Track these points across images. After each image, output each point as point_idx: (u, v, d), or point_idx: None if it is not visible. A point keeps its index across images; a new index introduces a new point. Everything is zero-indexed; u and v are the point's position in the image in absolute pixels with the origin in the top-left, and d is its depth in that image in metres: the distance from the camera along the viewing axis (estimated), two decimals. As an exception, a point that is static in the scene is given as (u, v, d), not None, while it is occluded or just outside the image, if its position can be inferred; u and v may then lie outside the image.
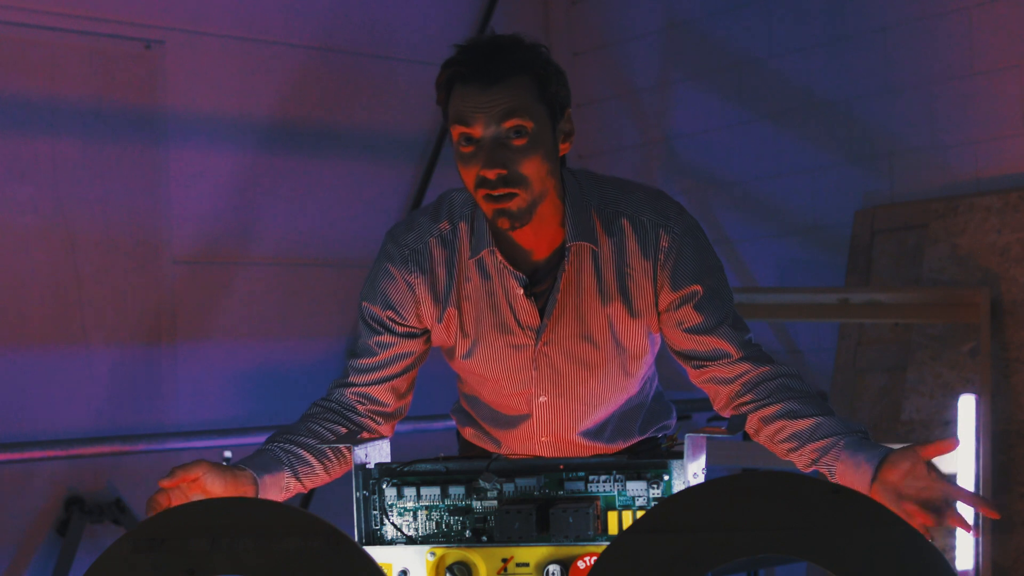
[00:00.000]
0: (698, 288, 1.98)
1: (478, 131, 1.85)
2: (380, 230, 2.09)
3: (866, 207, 4.13)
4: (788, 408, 1.90)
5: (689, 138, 4.75)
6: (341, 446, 1.90)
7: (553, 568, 1.62)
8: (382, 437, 1.97)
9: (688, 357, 2.03)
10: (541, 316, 2.00)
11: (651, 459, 1.71)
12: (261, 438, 4.10)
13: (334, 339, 4.57)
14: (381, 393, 2.04)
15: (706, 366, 2.00)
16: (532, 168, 1.85)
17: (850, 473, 1.77)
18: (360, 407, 2.04)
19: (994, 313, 3.61)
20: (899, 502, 1.66)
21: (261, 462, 1.89)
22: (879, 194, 4.13)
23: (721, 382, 2.00)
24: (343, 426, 2.01)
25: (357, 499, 1.74)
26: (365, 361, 2.04)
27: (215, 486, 1.76)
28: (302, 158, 4.51)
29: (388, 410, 2.05)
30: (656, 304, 2.01)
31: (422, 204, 4.66)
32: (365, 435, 2.01)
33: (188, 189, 4.24)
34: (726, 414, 2.01)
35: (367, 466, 1.76)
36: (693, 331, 2.00)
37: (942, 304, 3.67)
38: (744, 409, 1.96)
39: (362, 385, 2.04)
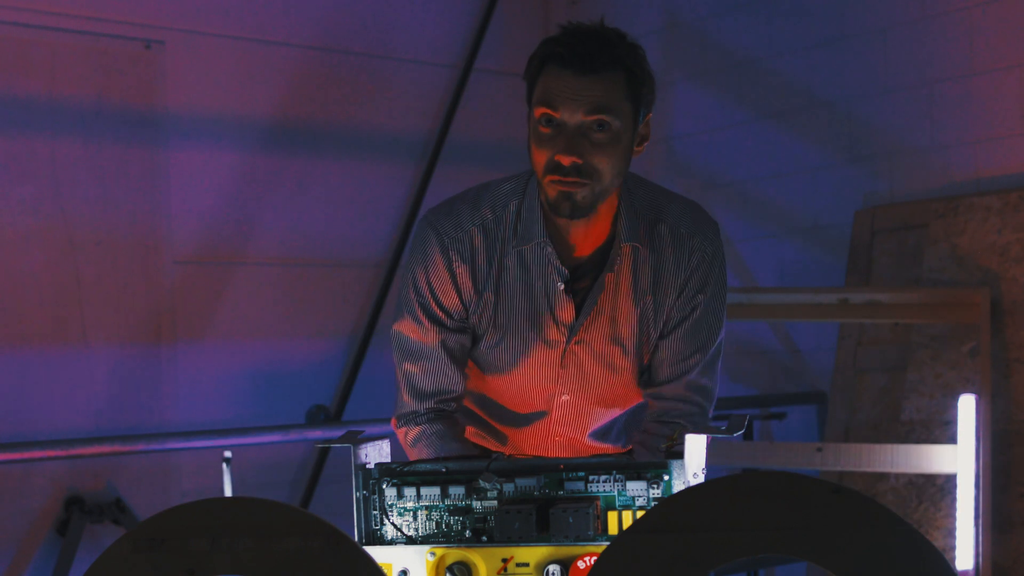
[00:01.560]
0: (697, 309, 2.02)
1: (563, 116, 1.85)
2: (380, 230, 2.09)
3: (866, 207, 4.13)
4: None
5: (689, 138, 4.75)
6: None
7: (553, 568, 1.62)
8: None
9: (651, 367, 2.08)
10: (577, 314, 2.00)
11: (651, 459, 1.71)
12: (261, 438, 4.13)
13: (334, 339, 4.57)
14: (451, 384, 2.08)
15: (657, 383, 2.07)
16: (606, 163, 1.86)
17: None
18: (445, 404, 2.09)
19: (994, 313, 3.61)
20: None
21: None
22: (879, 194, 4.13)
23: (654, 398, 2.09)
24: (450, 422, 2.09)
25: (357, 499, 1.74)
26: (432, 367, 2.05)
27: None
28: (302, 158, 4.51)
29: (460, 389, 2.10)
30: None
31: (421, 204, 4.66)
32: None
33: (188, 189, 4.24)
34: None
35: (367, 466, 1.76)
36: (668, 349, 2.04)
37: (942, 304, 3.67)
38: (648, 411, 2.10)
39: (441, 396, 2.08)
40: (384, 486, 1.74)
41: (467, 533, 1.72)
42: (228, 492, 1.70)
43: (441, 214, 2.03)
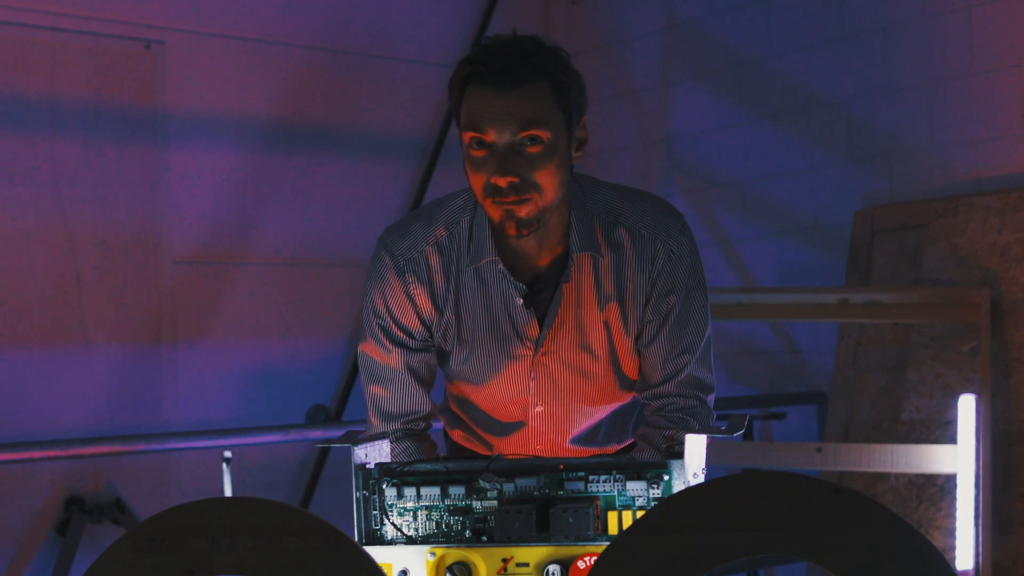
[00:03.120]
0: (675, 309, 1.97)
1: (492, 137, 1.80)
2: (380, 230, 2.07)
3: (866, 207, 4.13)
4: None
5: (689, 138, 4.75)
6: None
7: (553, 568, 1.62)
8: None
9: (643, 374, 2.04)
10: (540, 326, 1.97)
11: (651, 459, 1.71)
12: (261, 438, 4.13)
13: (334, 339, 4.57)
14: (418, 406, 2.06)
15: (651, 386, 2.03)
16: (545, 177, 1.81)
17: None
18: (413, 424, 2.07)
19: (994, 313, 3.61)
20: None
21: None
22: (879, 194, 4.13)
23: (649, 399, 2.05)
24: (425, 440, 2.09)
25: (357, 499, 1.74)
26: (395, 389, 2.04)
27: None
28: (302, 158, 4.51)
29: (427, 410, 2.09)
30: (641, 318, 2.00)
31: (422, 204, 4.66)
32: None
33: (188, 189, 4.24)
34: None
35: (367, 466, 1.76)
36: (656, 353, 2.00)
37: (942, 304, 3.67)
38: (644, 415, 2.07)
39: (408, 417, 2.06)
40: (384, 486, 1.74)
41: (467, 533, 1.72)
42: (228, 492, 1.70)
43: (396, 235, 1.99)
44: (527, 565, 1.63)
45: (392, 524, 1.74)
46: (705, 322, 2.01)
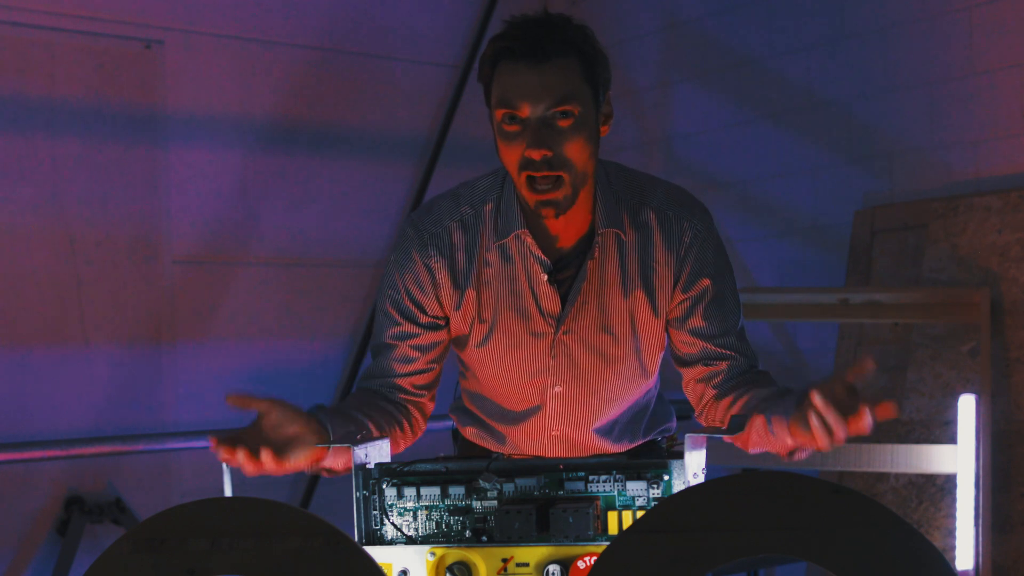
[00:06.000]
0: (710, 289, 1.99)
1: (525, 112, 1.84)
2: (380, 230, 2.08)
3: (866, 207, 4.13)
4: (745, 388, 1.93)
5: (689, 138, 4.75)
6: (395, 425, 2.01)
7: (553, 568, 1.62)
8: (412, 431, 2.06)
9: (686, 362, 2.04)
10: (563, 304, 1.99)
11: (651, 459, 1.71)
12: (261, 438, 4.09)
13: (334, 339, 4.57)
14: (409, 385, 2.05)
15: (699, 367, 2.01)
16: (576, 150, 1.85)
17: (777, 405, 1.78)
18: (396, 396, 2.06)
19: (994, 313, 3.61)
20: (807, 412, 1.62)
21: (334, 418, 1.91)
22: (879, 194, 4.13)
23: (705, 381, 2.01)
24: (389, 406, 2.04)
25: (357, 499, 1.74)
26: (392, 358, 2.04)
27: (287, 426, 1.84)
28: (302, 158, 4.51)
29: (424, 400, 2.08)
30: (671, 299, 2.01)
31: (422, 204, 4.66)
32: (410, 415, 2.06)
33: (188, 189, 4.24)
34: (702, 420, 2.03)
35: (367, 466, 1.76)
36: (697, 335, 2.00)
37: (942, 304, 3.67)
38: (711, 404, 1.99)
39: (394, 377, 2.05)
40: (384, 486, 1.74)
41: (467, 533, 1.72)
42: (228, 492, 1.70)
43: (421, 212, 2.04)
44: (527, 565, 1.63)
45: (392, 524, 1.74)
46: (739, 303, 2.04)
